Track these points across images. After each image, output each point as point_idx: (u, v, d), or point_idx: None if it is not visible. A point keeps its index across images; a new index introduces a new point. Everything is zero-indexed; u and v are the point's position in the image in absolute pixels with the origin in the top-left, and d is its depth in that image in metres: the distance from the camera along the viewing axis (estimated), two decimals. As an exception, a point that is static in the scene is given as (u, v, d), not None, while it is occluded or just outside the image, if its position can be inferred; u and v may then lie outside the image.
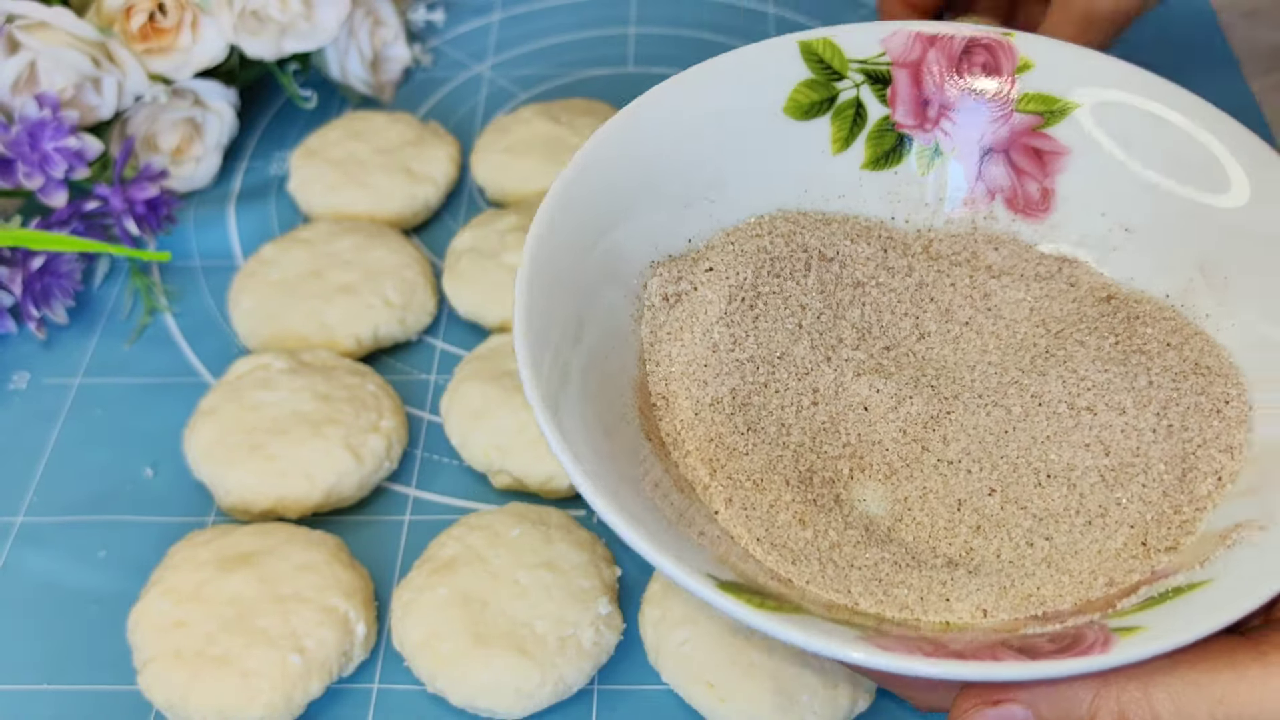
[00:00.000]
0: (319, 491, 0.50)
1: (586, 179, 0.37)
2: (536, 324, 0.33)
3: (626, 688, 0.45)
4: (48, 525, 0.51)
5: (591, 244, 0.37)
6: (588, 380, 0.34)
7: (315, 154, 0.64)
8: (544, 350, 0.33)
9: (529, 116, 0.64)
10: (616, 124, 0.39)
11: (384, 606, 0.48)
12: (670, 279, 0.38)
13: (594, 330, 0.36)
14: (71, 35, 0.59)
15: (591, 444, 0.32)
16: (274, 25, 0.63)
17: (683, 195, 0.39)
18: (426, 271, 0.59)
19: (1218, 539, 0.32)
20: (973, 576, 0.33)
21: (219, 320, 0.59)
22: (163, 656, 0.44)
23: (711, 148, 0.40)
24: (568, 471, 0.31)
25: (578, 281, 0.36)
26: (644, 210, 0.39)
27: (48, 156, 0.57)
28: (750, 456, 0.36)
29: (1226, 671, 0.29)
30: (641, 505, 0.32)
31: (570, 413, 0.33)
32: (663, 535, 0.31)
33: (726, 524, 0.34)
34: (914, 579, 0.33)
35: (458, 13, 0.78)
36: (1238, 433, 0.34)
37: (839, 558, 0.34)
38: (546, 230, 0.35)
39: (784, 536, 0.34)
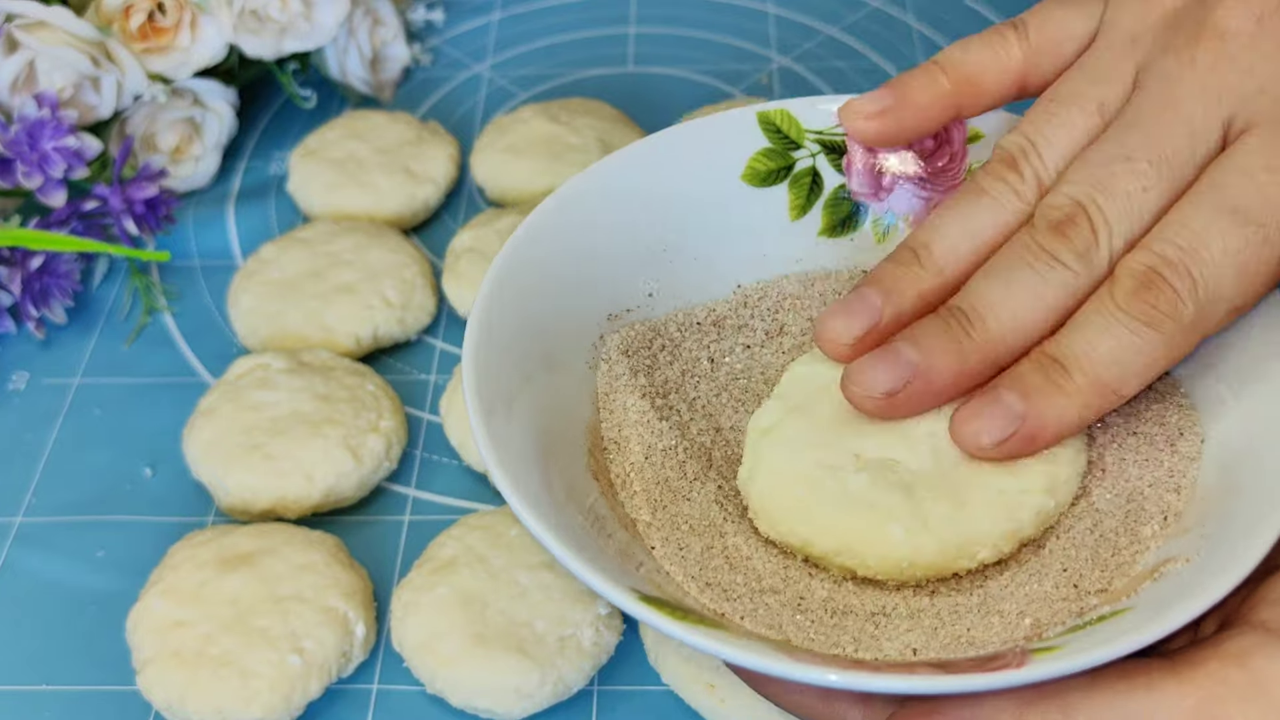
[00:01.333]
0: (318, 491, 0.50)
1: (548, 230, 0.39)
2: (485, 357, 0.35)
3: (626, 688, 0.45)
4: (47, 525, 0.51)
5: (550, 290, 0.38)
6: (535, 414, 0.35)
7: (315, 154, 0.64)
8: (492, 380, 0.35)
9: (529, 116, 0.64)
10: (581, 180, 0.40)
11: (383, 607, 0.48)
12: (633, 341, 0.40)
13: (546, 372, 0.37)
14: (70, 34, 0.59)
15: (529, 466, 0.33)
16: (273, 25, 0.63)
17: (643, 253, 0.41)
18: (426, 271, 0.59)
19: (1147, 574, 0.32)
20: (905, 619, 0.33)
21: (218, 320, 0.59)
22: (162, 657, 0.44)
23: (672, 210, 0.41)
24: (492, 476, 0.32)
25: (532, 325, 0.37)
26: (604, 264, 0.40)
27: (46, 156, 0.57)
28: (692, 502, 0.37)
29: (1143, 691, 0.29)
30: (574, 526, 0.33)
31: (509, 433, 0.34)
32: (590, 552, 0.31)
33: (662, 561, 0.35)
34: (847, 622, 0.34)
35: (457, 12, 0.78)
36: (1190, 469, 0.35)
37: (772, 600, 0.34)
38: (505, 272, 0.37)
39: (716, 577, 0.35)
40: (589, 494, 0.36)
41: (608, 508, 0.36)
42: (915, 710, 0.31)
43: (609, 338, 0.39)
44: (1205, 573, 0.30)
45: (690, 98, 0.70)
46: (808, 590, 0.35)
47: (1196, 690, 0.29)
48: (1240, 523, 0.31)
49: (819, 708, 0.34)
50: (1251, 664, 0.29)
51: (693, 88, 0.71)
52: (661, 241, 0.41)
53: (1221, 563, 0.30)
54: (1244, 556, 0.29)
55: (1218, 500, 0.33)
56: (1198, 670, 0.29)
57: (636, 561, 0.34)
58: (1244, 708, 0.28)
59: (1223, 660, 0.29)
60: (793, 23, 0.75)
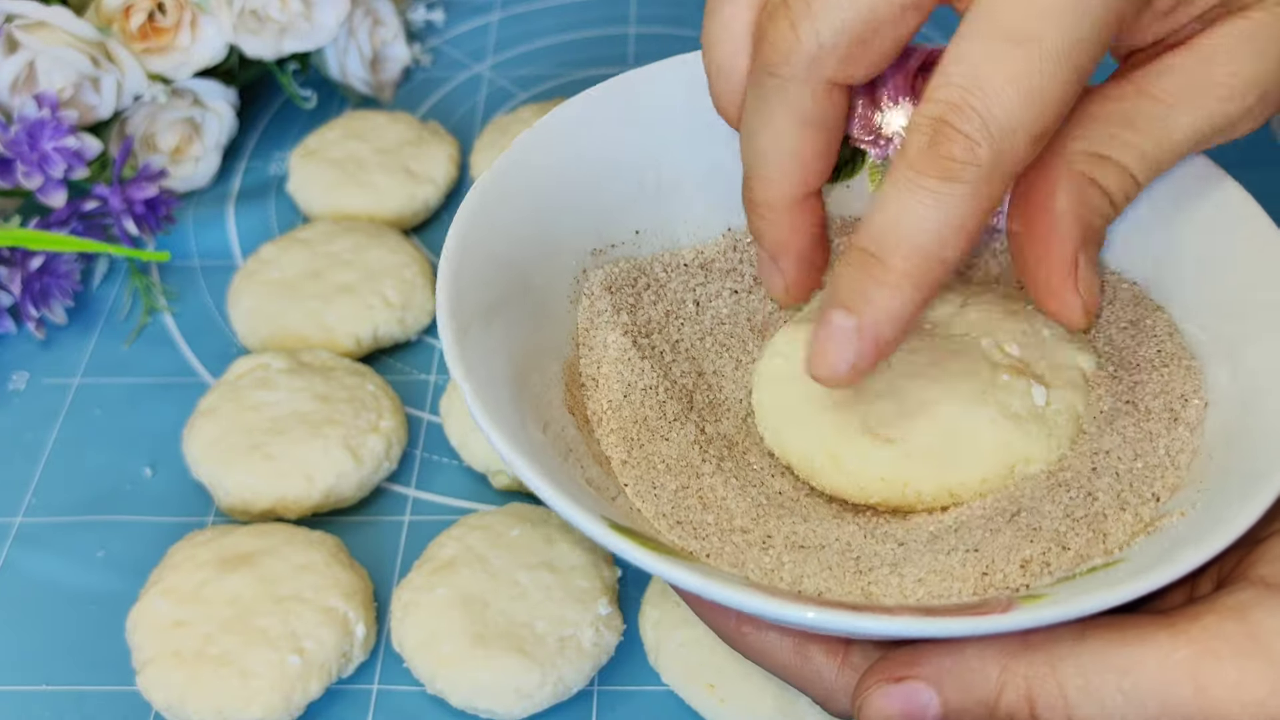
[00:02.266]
0: (318, 492, 0.49)
1: (535, 154, 0.38)
2: (461, 274, 0.34)
3: (626, 689, 0.45)
4: (47, 525, 0.51)
5: (532, 216, 0.37)
6: (510, 341, 0.34)
7: (315, 154, 0.64)
8: (467, 299, 0.34)
9: (529, 116, 0.64)
10: (571, 106, 0.39)
11: (383, 607, 0.48)
12: (617, 278, 0.39)
13: (524, 299, 0.36)
14: (70, 35, 0.59)
15: (500, 390, 0.32)
16: (273, 25, 0.63)
17: (632, 188, 0.39)
18: (426, 271, 0.59)
19: (1142, 528, 0.32)
20: (891, 569, 0.33)
21: (218, 320, 0.59)
22: (162, 657, 0.44)
23: (664, 145, 0.40)
24: (463, 393, 0.31)
25: (511, 252, 0.36)
26: (590, 196, 0.39)
27: (47, 156, 0.57)
28: (670, 442, 0.36)
29: (1134, 644, 0.28)
30: (545, 454, 0.32)
31: (482, 354, 0.33)
32: (563, 481, 0.31)
33: (634, 499, 0.34)
34: (813, 558, 0.33)
35: (457, 12, 0.78)
36: (1192, 438, 0.34)
37: (739, 540, 0.33)
38: (487, 193, 0.36)
39: (688, 516, 0.34)
40: (565, 427, 0.35)
41: (582, 443, 0.35)
42: (897, 660, 0.30)
43: (592, 273, 0.38)
44: (1201, 528, 0.29)
45: (690, 98, 0.70)
46: (776, 529, 0.34)
47: (1190, 643, 0.28)
48: (1238, 480, 0.30)
49: (793, 661, 0.32)
50: (1250, 617, 0.28)
51: (693, 88, 0.71)
52: (652, 178, 0.40)
53: (1217, 520, 0.29)
54: (1241, 514, 0.28)
55: (1217, 456, 0.32)
56: (1193, 624, 0.28)
57: (609, 495, 0.33)
58: (1240, 661, 0.27)
59: (1219, 614, 0.28)
60: (793, 23, 0.75)
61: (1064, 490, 0.34)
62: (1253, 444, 0.32)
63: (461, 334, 0.32)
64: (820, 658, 0.32)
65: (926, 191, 0.29)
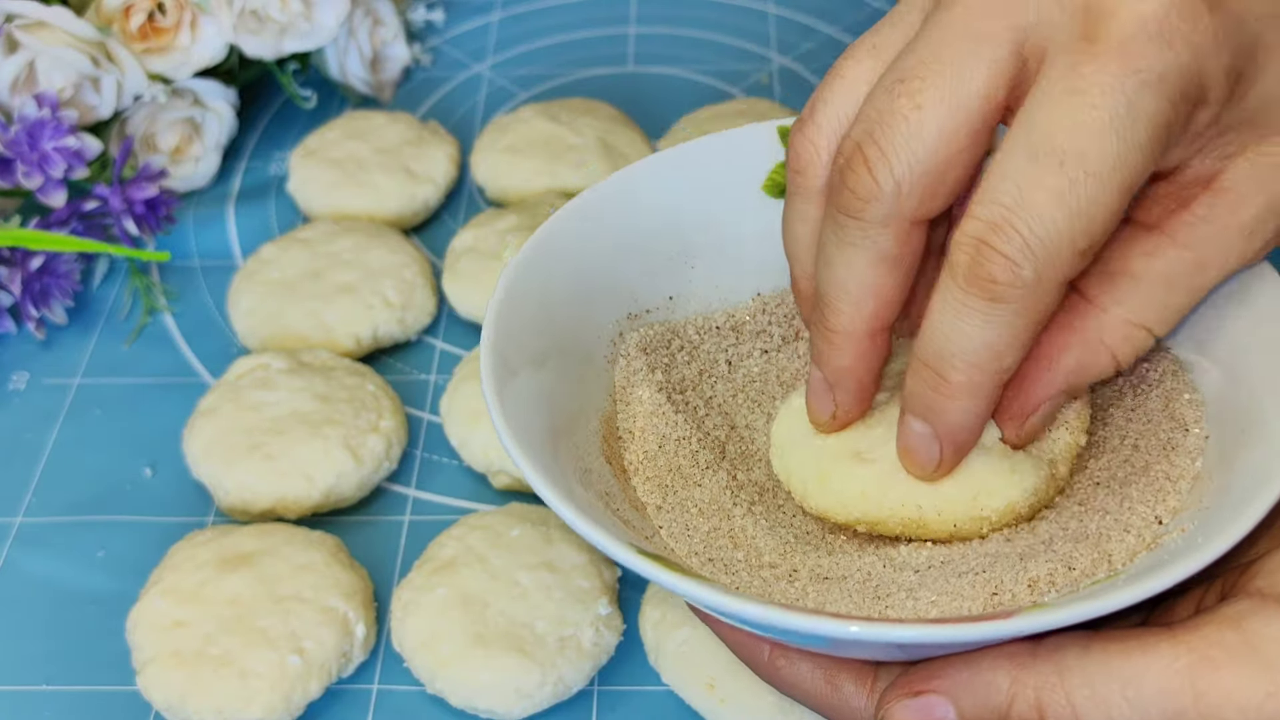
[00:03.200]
0: (318, 492, 0.49)
1: (575, 225, 0.40)
2: (506, 326, 0.36)
3: (626, 688, 0.45)
4: (47, 526, 0.51)
5: (573, 282, 0.39)
6: (549, 394, 0.36)
7: (315, 154, 0.64)
8: (510, 349, 0.35)
9: (529, 116, 0.64)
10: (608, 185, 0.41)
11: (383, 607, 0.48)
12: (652, 339, 0.41)
13: (562, 358, 0.38)
14: (70, 35, 0.59)
15: (537, 433, 0.34)
16: (273, 25, 0.63)
17: (666, 258, 0.41)
18: (426, 271, 0.59)
19: (1144, 545, 0.33)
20: (908, 594, 0.34)
21: (218, 320, 0.59)
22: (162, 657, 0.44)
23: (696, 218, 0.42)
24: (497, 431, 0.33)
25: (554, 310, 0.38)
26: (627, 265, 0.41)
27: (47, 156, 0.57)
28: (703, 488, 0.38)
29: (1138, 654, 0.29)
30: (579, 497, 0.33)
31: (520, 400, 0.34)
32: (596, 515, 0.32)
33: (668, 540, 0.36)
34: (835, 588, 0.34)
35: (457, 12, 0.78)
36: (1193, 465, 0.35)
37: (768, 574, 0.35)
38: (533, 256, 0.38)
39: (719, 554, 0.36)
40: (603, 476, 0.36)
41: (620, 490, 0.37)
42: (916, 675, 0.31)
43: (628, 335, 0.40)
44: (1198, 541, 0.30)
45: (690, 98, 0.70)
46: (802, 563, 0.35)
47: (1189, 652, 0.29)
48: (1235, 497, 0.31)
49: (824, 691, 0.34)
50: (1246, 626, 0.29)
51: (693, 88, 0.71)
52: (684, 248, 0.42)
53: (1214, 532, 0.30)
54: (1236, 525, 0.29)
55: (1217, 477, 0.33)
56: (1193, 634, 0.29)
57: (645, 535, 0.35)
58: (1236, 669, 0.28)
59: (1217, 624, 0.29)
60: (793, 23, 0.75)
61: (1068, 516, 0.35)
62: (1250, 461, 0.32)
63: (502, 385, 0.34)
64: (850, 686, 0.33)
65: (975, 312, 0.30)
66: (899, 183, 0.31)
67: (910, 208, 0.31)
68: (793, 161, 0.35)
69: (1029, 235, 0.29)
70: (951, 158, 0.31)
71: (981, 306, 0.30)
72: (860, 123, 0.32)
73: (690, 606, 0.37)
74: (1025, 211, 0.29)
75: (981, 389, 0.32)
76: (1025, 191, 0.29)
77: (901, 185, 0.31)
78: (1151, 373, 0.38)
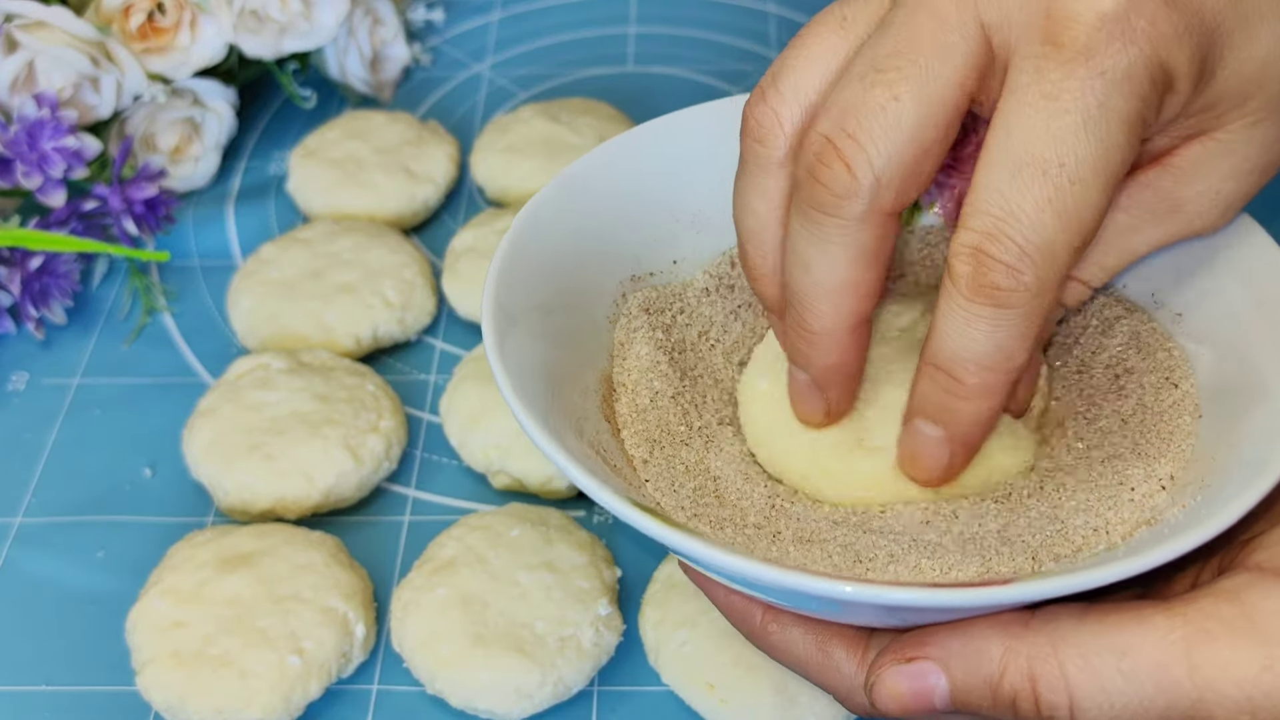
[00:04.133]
0: (318, 492, 0.49)
1: (580, 183, 0.39)
2: (507, 294, 0.36)
3: (626, 689, 0.45)
4: (46, 526, 0.51)
5: (577, 241, 0.39)
6: (550, 346, 0.36)
7: (314, 153, 0.64)
8: (512, 302, 0.36)
9: (529, 116, 0.64)
10: (613, 145, 0.41)
11: (383, 607, 0.48)
12: (654, 301, 0.40)
13: (565, 314, 0.38)
14: (70, 34, 0.59)
15: (535, 383, 0.34)
16: (273, 24, 0.63)
17: (668, 221, 0.41)
18: (426, 271, 0.58)
19: (1143, 521, 0.33)
20: (889, 559, 0.34)
21: (218, 320, 0.59)
22: (161, 657, 0.44)
23: (697, 181, 0.41)
24: (498, 383, 0.33)
25: (557, 266, 0.38)
26: (629, 227, 0.40)
27: (46, 156, 0.57)
28: (690, 447, 0.37)
29: (1132, 625, 0.29)
30: (574, 447, 0.33)
31: (520, 352, 0.34)
32: (590, 465, 0.32)
33: (655, 494, 0.36)
34: (817, 551, 0.34)
35: (457, 12, 0.78)
36: (1188, 424, 0.35)
37: (753, 533, 0.35)
38: (537, 213, 0.38)
39: (705, 511, 0.35)
40: (600, 432, 0.36)
41: (615, 446, 0.37)
42: (907, 641, 0.31)
43: (631, 296, 0.40)
44: (1199, 517, 0.30)
45: (690, 98, 0.69)
46: (785, 525, 0.35)
47: (1186, 624, 0.29)
48: (1236, 475, 0.31)
49: (815, 657, 0.34)
50: (1244, 599, 0.29)
51: (693, 88, 0.71)
52: (688, 212, 0.41)
53: (1215, 509, 0.30)
54: (1236, 502, 0.29)
55: (1219, 456, 0.33)
56: (1189, 606, 0.29)
57: (633, 487, 0.35)
58: (1233, 641, 0.28)
59: (1215, 597, 0.29)
60: (793, 23, 0.75)
61: (1060, 488, 0.35)
62: (1251, 438, 0.33)
63: (503, 333, 0.34)
64: (841, 653, 0.33)
65: (982, 319, 0.31)
66: (878, 177, 0.31)
67: (888, 201, 0.31)
68: (752, 130, 0.34)
69: (1024, 242, 0.29)
70: (928, 148, 0.31)
71: (988, 313, 0.30)
72: (831, 112, 0.31)
73: (682, 565, 0.37)
74: (1016, 220, 0.29)
75: (996, 389, 0.32)
76: (1014, 202, 0.29)
77: (880, 179, 0.31)
78: (1129, 330, 0.38)
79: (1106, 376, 0.38)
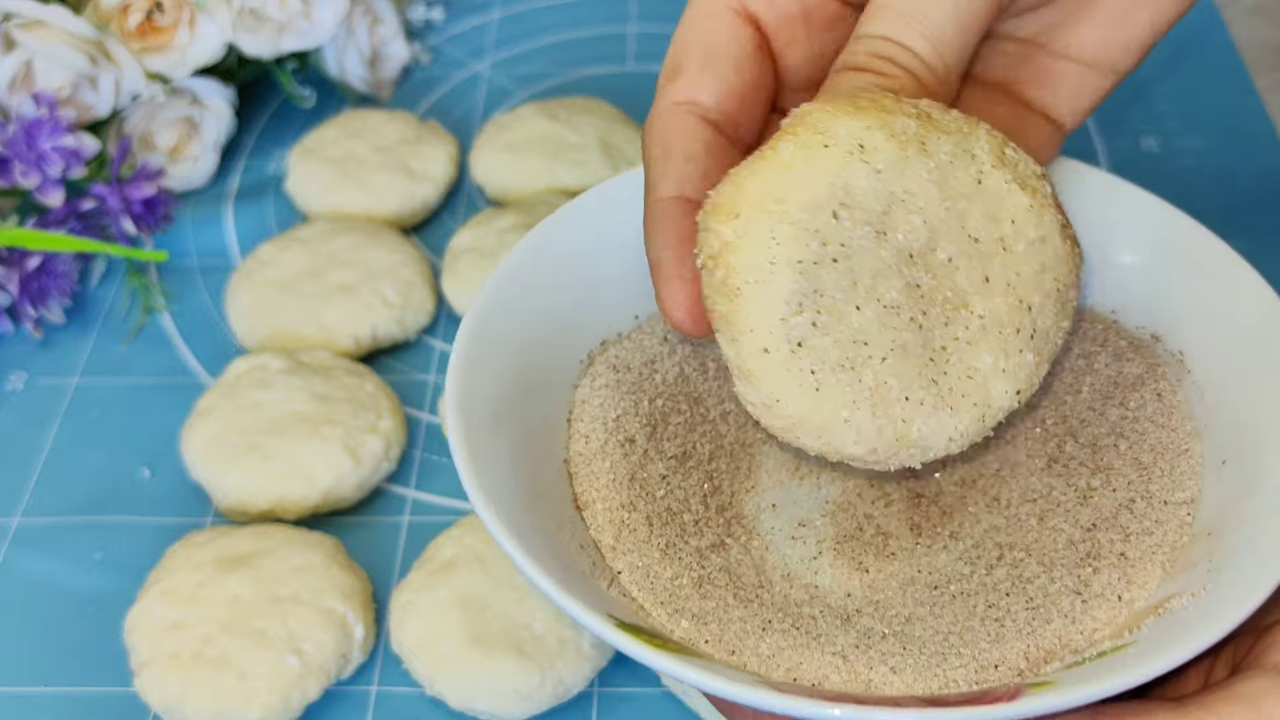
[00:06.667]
0: (317, 492, 0.49)
1: (528, 263, 0.38)
2: (470, 379, 0.34)
3: (626, 690, 0.45)
4: (44, 526, 0.51)
5: (534, 321, 0.38)
6: (519, 440, 0.35)
7: (313, 153, 0.63)
8: (477, 403, 0.34)
9: (528, 115, 0.64)
10: (559, 217, 0.39)
11: (382, 608, 0.47)
12: (619, 359, 0.39)
13: (531, 398, 0.37)
14: (68, 33, 0.59)
15: (509, 489, 0.33)
16: (272, 23, 0.63)
17: (632, 283, 0.39)
18: (425, 271, 0.58)
19: (1151, 610, 0.32)
20: (881, 633, 0.33)
21: (216, 320, 0.59)
22: (160, 658, 0.44)
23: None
24: (474, 505, 0.32)
25: (521, 347, 0.37)
26: (594, 291, 0.39)
27: (44, 155, 0.57)
28: (662, 532, 0.36)
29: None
30: (551, 551, 0.32)
31: (493, 457, 0.33)
32: (568, 578, 0.31)
33: (628, 586, 0.34)
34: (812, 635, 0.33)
35: (457, 11, 0.77)
36: (1185, 520, 0.34)
37: (737, 615, 0.34)
38: (492, 299, 0.37)
39: (685, 605, 0.34)
40: (573, 523, 0.35)
41: (587, 533, 0.35)
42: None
43: (598, 359, 0.39)
44: (1210, 610, 0.29)
45: (690, 96, 0.69)
46: (772, 613, 0.34)
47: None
48: (1247, 560, 0.30)
49: None
50: (1263, 707, 0.27)
51: (693, 86, 0.71)
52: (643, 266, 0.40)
53: (1225, 601, 0.29)
54: (1248, 597, 0.28)
55: (1227, 535, 0.32)
56: (1206, 712, 0.28)
57: (607, 581, 0.34)
58: None
59: (1232, 702, 0.28)
60: (793, 21, 0.75)
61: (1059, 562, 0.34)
62: (1261, 521, 0.31)
63: (472, 440, 0.33)
64: None
65: None
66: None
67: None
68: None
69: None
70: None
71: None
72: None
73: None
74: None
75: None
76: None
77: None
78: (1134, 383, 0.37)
79: (1109, 439, 0.37)
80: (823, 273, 0.30)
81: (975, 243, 0.31)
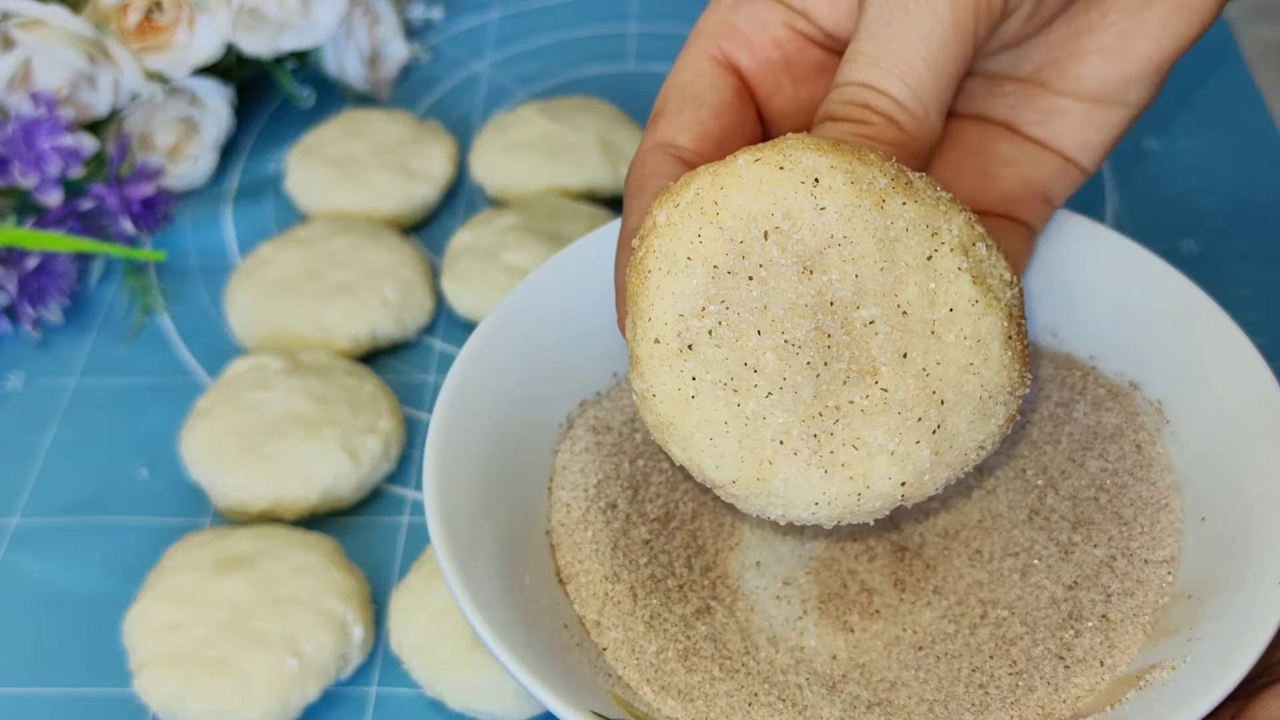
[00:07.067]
0: (316, 493, 0.49)
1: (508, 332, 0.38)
2: (449, 467, 0.35)
3: (626, 691, 0.45)
4: (43, 527, 0.51)
5: (511, 395, 0.38)
6: (499, 519, 0.35)
7: (312, 152, 0.63)
8: (456, 488, 0.34)
9: (528, 114, 0.64)
10: (554, 263, 0.40)
11: (382, 609, 0.47)
12: (598, 421, 0.39)
13: (511, 470, 0.37)
14: (67, 33, 0.58)
15: (497, 582, 0.33)
16: (271, 23, 0.63)
17: (608, 332, 0.39)
18: (424, 271, 0.58)
19: (1132, 680, 0.31)
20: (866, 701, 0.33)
21: (215, 320, 0.59)
22: (158, 660, 0.43)
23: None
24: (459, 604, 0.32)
25: (498, 422, 0.37)
26: (564, 358, 0.39)
27: (43, 155, 0.56)
28: (646, 602, 0.36)
29: None
30: (538, 640, 0.32)
31: (476, 546, 0.33)
32: (551, 670, 0.31)
33: (613, 663, 0.34)
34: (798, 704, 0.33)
35: (456, 10, 0.77)
36: (1166, 580, 0.34)
37: (725, 703, 0.34)
38: (464, 380, 0.37)
39: (670, 680, 0.34)
40: (559, 603, 0.35)
41: (569, 605, 0.36)
42: None
43: (576, 422, 0.39)
44: (1189, 689, 0.29)
45: (690, 96, 0.69)
46: (770, 667, 0.34)
47: None
48: (1226, 633, 0.30)
49: None
50: None
51: (693, 86, 0.71)
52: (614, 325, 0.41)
53: (1208, 674, 0.29)
54: (1230, 670, 0.28)
55: (1209, 601, 0.32)
56: None
57: (590, 662, 0.34)
58: None
59: None
60: (793, 20, 0.75)
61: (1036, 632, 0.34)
62: (1238, 590, 0.31)
63: (456, 539, 0.33)
64: None
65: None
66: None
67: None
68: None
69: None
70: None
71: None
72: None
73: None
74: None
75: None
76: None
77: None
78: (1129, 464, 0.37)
79: (1089, 491, 0.37)
80: (736, 286, 0.30)
81: (903, 315, 0.30)
